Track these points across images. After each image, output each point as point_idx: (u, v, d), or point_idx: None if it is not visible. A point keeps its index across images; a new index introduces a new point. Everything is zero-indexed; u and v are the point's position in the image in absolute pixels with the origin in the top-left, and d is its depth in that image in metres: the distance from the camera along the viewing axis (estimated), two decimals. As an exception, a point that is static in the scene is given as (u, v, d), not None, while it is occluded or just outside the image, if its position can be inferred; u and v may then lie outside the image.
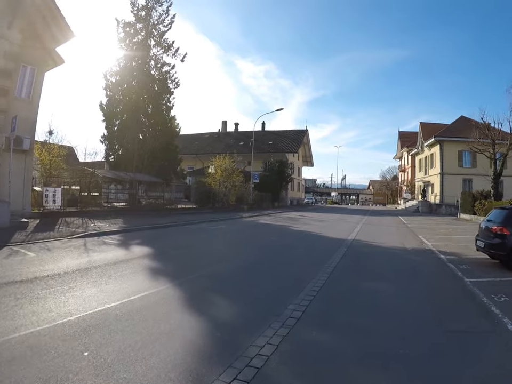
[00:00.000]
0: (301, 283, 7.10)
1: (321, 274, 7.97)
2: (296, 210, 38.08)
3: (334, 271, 8.40)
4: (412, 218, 29.36)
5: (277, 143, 52.38)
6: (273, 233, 16.64)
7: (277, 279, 7.63)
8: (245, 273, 8.11)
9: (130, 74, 26.81)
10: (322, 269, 8.48)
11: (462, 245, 13.29)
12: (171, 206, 25.59)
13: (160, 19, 27.99)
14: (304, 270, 8.46)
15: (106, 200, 22.89)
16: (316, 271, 8.21)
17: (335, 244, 12.75)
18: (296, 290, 6.58)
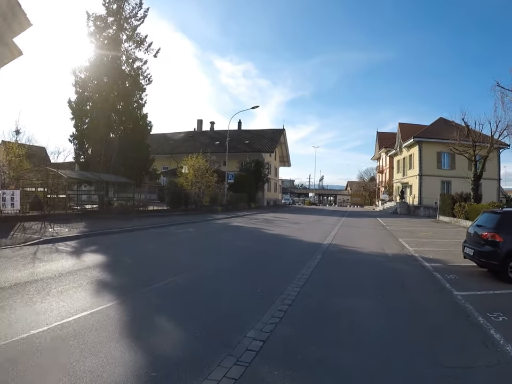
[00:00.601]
0: (267, 300, 6.08)
1: (291, 287, 6.96)
2: (272, 212, 37.13)
3: (306, 283, 7.38)
4: (391, 220, 28.81)
5: (253, 142, 51.34)
6: (245, 237, 15.58)
7: (240, 295, 6.56)
8: (204, 287, 6.97)
9: (101, 70, 25.52)
10: (294, 281, 7.47)
11: (445, 250, 12.54)
12: (142, 208, 24.58)
13: (133, 13, 26.70)
14: (273, 283, 7.43)
15: (76, 203, 22.03)
16: (286, 284, 7.20)
17: (310, 250, 11.75)
18: (261, 309, 5.57)
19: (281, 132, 56.48)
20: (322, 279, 7.92)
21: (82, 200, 23.08)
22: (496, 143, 26.70)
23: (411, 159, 42.45)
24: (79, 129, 25.59)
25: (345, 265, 9.55)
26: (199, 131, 59.66)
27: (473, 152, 26.19)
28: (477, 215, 22.26)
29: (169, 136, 57.16)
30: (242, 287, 7.07)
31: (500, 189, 40.27)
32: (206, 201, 31.51)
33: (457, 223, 25.11)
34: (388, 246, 13.48)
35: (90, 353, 3.80)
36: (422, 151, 39.14)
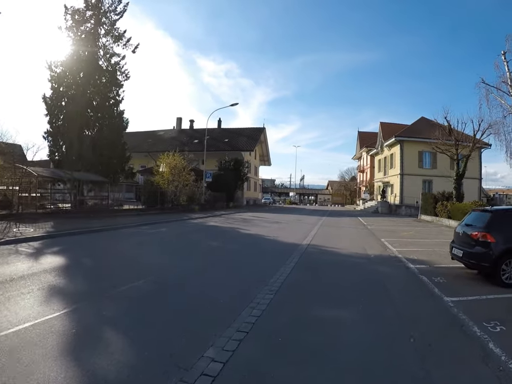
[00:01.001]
0: (234, 310, 5.31)
1: (263, 294, 6.19)
2: (251, 211, 36.32)
3: (281, 289, 6.61)
4: (372, 219, 28.35)
5: (233, 141, 50.68)
6: (220, 237, 14.72)
7: (204, 303, 5.72)
8: (167, 293, 6.17)
9: (77, 65, 24.51)
10: (267, 287, 6.71)
11: (430, 251, 11.96)
12: (117, 207, 24.01)
13: (112, 7, 25.68)
14: (244, 288, 6.61)
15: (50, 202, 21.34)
16: (258, 290, 6.44)
17: (287, 251, 10.98)
18: (224, 322, 4.80)
19: (262, 130, 55.88)
20: (298, 284, 7.14)
21: (56, 199, 22.44)
22: (478, 143, 26.45)
23: (392, 158, 42.34)
24: (54, 126, 24.45)
25: (324, 268, 8.79)
26: (178, 129, 58.58)
27: (456, 151, 25.94)
28: (459, 214, 22.11)
29: (148, 134, 56.07)
30: (208, 294, 6.23)
31: (481, 189, 40.37)
32: (183, 200, 30.76)
33: (440, 222, 24.81)
34: (369, 246, 12.83)
35: (20, 378, 3.14)
36: (404, 150, 38.99)
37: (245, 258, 9.96)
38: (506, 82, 16.56)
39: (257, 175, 62.74)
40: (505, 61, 16.64)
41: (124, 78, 26.66)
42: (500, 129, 17.30)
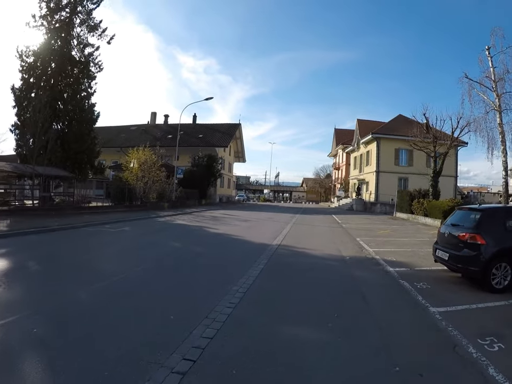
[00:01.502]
0: (184, 328, 4.42)
1: (220, 308, 5.25)
2: (224, 208, 35.31)
3: (242, 301, 5.67)
4: (347, 217, 27.76)
5: (207, 136, 49.69)
6: (184, 237, 13.61)
7: (151, 319, 4.77)
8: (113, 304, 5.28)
9: (50, 55, 23.22)
10: (226, 297, 5.79)
11: (409, 251, 11.28)
12: (85, 204, 22.57)
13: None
14: (198, 300, 5.67)
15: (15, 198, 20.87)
16: (215, 302, 5.50)
17: (256, 252, 10.06)
18: (171, 344, 3.93)
19: (237, 126, 54.95)
20: (264, 294, 6.19)
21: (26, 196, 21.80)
22: (455, 141, 26.22)
23: (368, 156, 42.09)
24: (22, 119, 23.00)
25: (295, 274, 7.85)
26: (152, 124, 56.97)
27: (434, 148, 25.61)
28: (436, 212, 21.67)
29: (121, 129, 54.26)
30: (161, 303, 5.30)
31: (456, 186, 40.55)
32: (153, 197, 29.56)
33: (416, 220, 24.44)
34: (344, 246, 12.03)
35: None
36: (380, 148, 38.70)
37: (208, 260, 8.95)
38: (490, 78, 16.11)
39: (231, 171, 61.69)
40: (489, 56, 16.23)
41: (97, 69, 25.50)
42: (482, 125, 16.81)
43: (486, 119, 16.26)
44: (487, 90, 16.33)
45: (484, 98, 16.39)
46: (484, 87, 16.46)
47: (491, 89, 16.05)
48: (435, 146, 25.59)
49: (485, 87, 16.29)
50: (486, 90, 16.36)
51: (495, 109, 15.64)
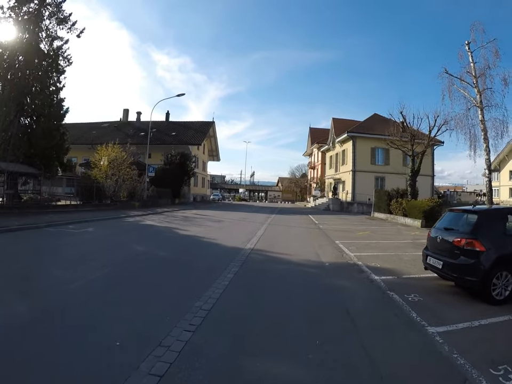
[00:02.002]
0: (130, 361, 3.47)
1: (178, 332, 4.27)
2: (197, 208, 34.09)
3: (205, 322, 4.69)
4: (323, 217, 27.06)
5: (180, 134, 48.63)
6: (151, 240, 12.45)
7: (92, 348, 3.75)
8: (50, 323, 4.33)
9: (17, 47, 22.08)
10: (187, 316, 4.86)
11: (392, 255, 10.47)
12: (53, 203, 21.85)
13: None
14: (153, 320, 4.66)
15: None
16: (172, 323, 4.52)
17: (226, 258, 9.06)
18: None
19: (211, 124, 53.98)
20: (231, 312, 5.18)
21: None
22: (432, 140, 25.89)
23: (344, 155, 41.65)
24: None
25: (268, 285, 6.84)
26: (125, 121, 55.15)
27: (412, 146, 25.18)
28: (416, 212, 21.06)
29: (92, 126, 52.50)
30: (99, 333, 4.19)
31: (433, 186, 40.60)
32: (123, 196, 28.55)
33: (395, 220, 23.90)
34: (323, 250, 11.15)
35: None
36: (356, 146, 38.28)
37: (172, 268, 7.90)
38: (470, 73, 15.55)
39: (206, 170, 60.44)
40: (469, 51, 15.71)
41: (66, 63, 24.22)
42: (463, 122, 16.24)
43: (468, 116, 15.71)
44: (468, 86, 15.78)
45: (464, 95, 15.82)
46: (465, 83, 15.91)
47: (472, 85, 15.50)
48: (413, 145, 25.19)
49: (466, 82, 15.78)
50: (466, 86, 15.82)
51: (477, 105, 15.12)
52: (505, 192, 57.34)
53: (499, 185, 58.78)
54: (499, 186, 58.80)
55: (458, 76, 16.06)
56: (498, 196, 59.08)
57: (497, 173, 59.51)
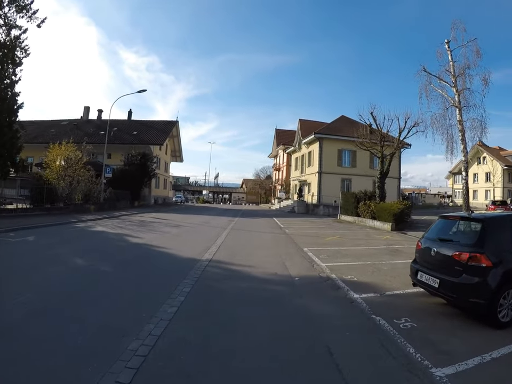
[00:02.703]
0: None
1: None
2: (157, 211, 32.16)
3: (137, 375, 3.30)
4: (289, 220, 26.02)
5: (142, 133, 46.43)
6: (96, 250, 10.77)
7: None
8: None
9: None
10: (114, 367, 3.50)
11: (368, 265, 9.38)
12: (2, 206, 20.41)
13: None
14: (72, 372, 3.25)
15: None
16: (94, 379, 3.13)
17: (178, 274, 7.62)
18: None
19: (174, 123, 52.05)
20: (174, 360, 3.77)
21: None
22: (401, 143, 25.36)
23: (310, 156, 40.92)
24: None
25: (226, 312, 5.44)
26: (85, 119, 52.13)
27: (381, 148, 24.50)
28: (386, 215, 20.14)
29: (50, 124, 49.31)
30: None
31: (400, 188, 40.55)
32: (79, 199, 26.43)
33: (363, 223, 23.10)
34: (291, 261, 9.88)
35: None
36: (323, 148, 37.57)
37: (107, 291, 6.30)
38: (449, 71, 14.78)
39: (168, 171, 58.28)
40: (449, 49, 14.97)
41: (23, 54, 21.81)
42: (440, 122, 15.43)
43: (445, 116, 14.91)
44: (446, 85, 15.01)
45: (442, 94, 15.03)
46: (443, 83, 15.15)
47: (450, 85, 14.73)
48: (382, 146, 24.52)
49: (444, 82, 14.99)
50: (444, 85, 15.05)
51: (455, 105, 14.33)
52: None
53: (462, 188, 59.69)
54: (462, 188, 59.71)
55: (436, 75, 15.28)
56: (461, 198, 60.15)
57: (461, 175, 60.52)
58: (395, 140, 25.23)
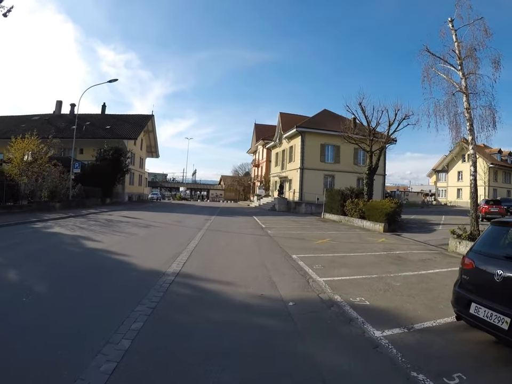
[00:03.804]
0: None
1: None
2: (129, 209, 29.80)
3: None
4: (270, 219, 24.21)
5: (115, 127, 44.22)
6: (40, 259, 8.68)
7: None
8: None
9: None
10: None
11: (375, 279, 7.64)
12: None
13: None
14: None
15: None
16: None
17: (131, 297, 5.70)
18: None
19: (149, 117, 49.83)
20: None
21: None
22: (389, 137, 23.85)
23: (292, 151, 39.17)
24: None
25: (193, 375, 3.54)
26: (57, 114, 49.49)
27: (370, 142, 22.89)
28: (377, 214, 18.00)
29: (21, 119, 46.51)
30: None
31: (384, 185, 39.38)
32: (45, 196, 24.56)
33: (350, 223, 21.47)
34: (279, 273, 7.98)
35: None
36: (305, 143, 35.89)
37: (23, 327, 4.37)
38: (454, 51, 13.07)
39: (143, 167, 55.71)
40: (453, 29, 13.24)
41: None
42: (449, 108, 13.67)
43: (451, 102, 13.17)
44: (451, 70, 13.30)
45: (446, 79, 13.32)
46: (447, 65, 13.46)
47: (456, 68, 13.04)
48: (372, 139, 22.87)
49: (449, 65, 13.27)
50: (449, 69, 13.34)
51: (461, 90, 12.65)
52: (452, 192, 57.87)
53: (447, 186, 59.62)
54: (447, 186, 59.62)
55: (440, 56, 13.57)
56: (445, 196, 59.81)
57: (445, 173, 60.29)
58: (383, 135, 23.84)
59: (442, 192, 62.07)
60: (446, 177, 59.87)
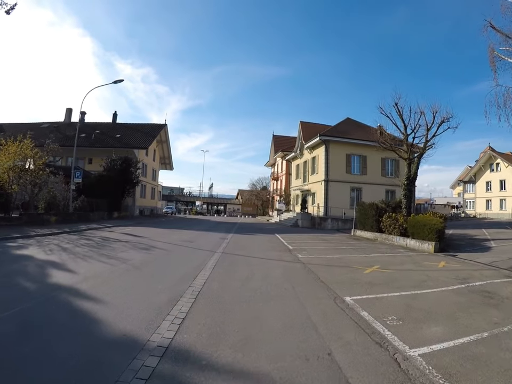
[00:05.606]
0: None
1: None
2: (136, 224, 26.99)
3: None
4: (296, 237, 20.96)
5: (126, 137, 42.39)
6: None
7: None
8: None
9: None
10: None
11: (488, 341, 4.33)
12: None
13: None
14: None
15: None
16: None
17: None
18: None
19: (162, 127, 47.70)
20: None
21: None
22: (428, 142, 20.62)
23: (314, 162, 36.01)
24: None
25: None
26: (67, 122, 47.99)
27: (409, 147, 19.65)
28: (425, 231, 13.05)
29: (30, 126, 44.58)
30: None
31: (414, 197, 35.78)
32: (42, 208, 22.50)
33: (389, 241, 18.10)
34: (338, 339, 4.76)
35: None
36: (329, 152, 32.76)
37: None
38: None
39: (156, 180, 53.26)
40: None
41: None
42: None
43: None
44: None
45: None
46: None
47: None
48: (412, 144, 19.62)
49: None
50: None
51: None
52: (481, 203, 53.96)
53: (475, 197, 55.69)
54: (475, 198, 55.73)
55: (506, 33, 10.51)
56: (474, 208, 55.89)
57: (473, 184, 56.48)
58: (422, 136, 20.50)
59: (470, 203, 58.25)
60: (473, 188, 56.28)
